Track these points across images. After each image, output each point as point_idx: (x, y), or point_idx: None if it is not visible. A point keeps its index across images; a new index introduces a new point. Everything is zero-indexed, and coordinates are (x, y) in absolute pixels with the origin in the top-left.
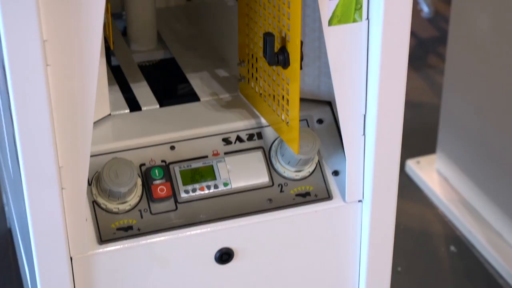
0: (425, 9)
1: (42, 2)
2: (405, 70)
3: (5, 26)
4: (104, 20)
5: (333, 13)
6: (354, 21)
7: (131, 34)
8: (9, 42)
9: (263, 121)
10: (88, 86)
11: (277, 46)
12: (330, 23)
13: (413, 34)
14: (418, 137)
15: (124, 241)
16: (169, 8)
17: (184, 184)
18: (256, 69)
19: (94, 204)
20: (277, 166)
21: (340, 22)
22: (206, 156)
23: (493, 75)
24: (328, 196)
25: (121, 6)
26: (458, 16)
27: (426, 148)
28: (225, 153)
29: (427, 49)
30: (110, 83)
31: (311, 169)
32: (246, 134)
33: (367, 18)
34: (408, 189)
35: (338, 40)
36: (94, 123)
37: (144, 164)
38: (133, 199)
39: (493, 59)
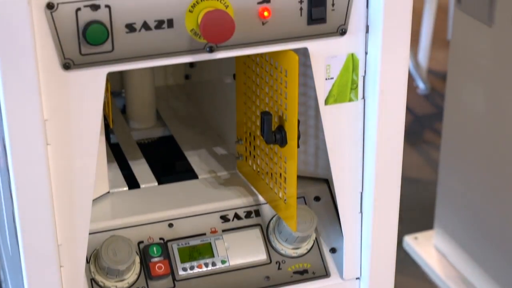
0: (421, 85)
1: (43, 81)
2: (401, 148)
3: (7, 105)
4: (104, 99)
5: (330, 92)
6: (350, 100)
7: (130, 112)
8: (10, 120)
9: (261, 198)
10: (88, 164)
11: (274, 124)
12: (326, 102)
13: (409, 110)
14: (416, 213)
15: None
16: (168, 86)
17: (182, 261)
18: (254, 147)
19: (92, 282)
20: (275, 243)
21: (336, 101)
22: (204, 234)
23: (489, 151)
24: (326, 274)
25: (120, 84)
26: (454, 93)
27: (423, 224)
28: (223, 231)
29: (423, 125)
30: (109, 161)
31: (308, 247)
32: (244, 212)
33: (363, 97)
34: (406, 265)
35: (334, 119)
36: (93, 200)
37: (142, 242)
38: (131, 276)
39: (489, 135)
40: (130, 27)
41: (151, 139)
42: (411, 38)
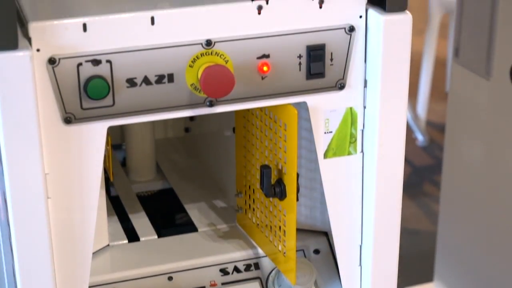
0: (420, 137)
1: (44, 135)
2: (400, 200)
3: (8, 158)
4: (105, 152)
5: (328, 146)
6: (349, 154)
7: (131, 165)
8: (11, 173)
9: (260, 251)
10: (88, 218)
11: (273, 178)
12: (325, 155)
13: (408, 162)
14: (415, 265)
15: None
16: (167, 139)
17: None
18: (253, 200)
19: None
20: None
21: (335, 154)
22: (204, 287)
23: (488, 203)
24: None
25: (121, 137)
26: (452, 145)
27: (423, 276)
28: (223, 284)
29: (422, 177)
30: (109, 214)
31: None
32: (244, 265)
33: (362, 151)
34: None
35: (333, 172)
36: (93, 253)
37: None
38: None
39: (488, 187)
40: (131, 82)
41: (151, 192)
42: (410, 90)
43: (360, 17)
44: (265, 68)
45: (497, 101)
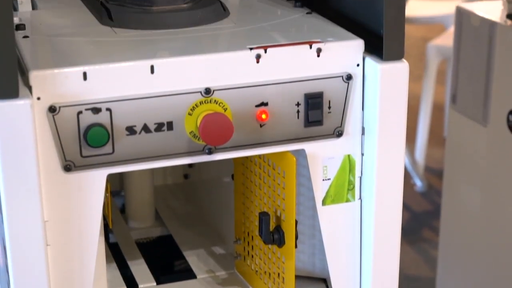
0: (418, 183)
1: (44, 183)
2: (398, 246)
3: (7, 205)
4: (104, 199)
5: (327, 193)
6: (347, 200)
7: (130, 212)
8: (11, 221)
9: None
10: (87, 265)
11: (272, 225)
12: (324, 202)
13: (406, 207)
14: None
15: None
16: (166, 185)
17: None
18: (252, 247)
19: None
20: None
21: (333, 201)
22: None
23: (487, 248)
24: None
25: (120, 184)
26: (450, 190)
27: None
28: None
29: (421, 222)
30: (108, 261)
31: None
32: None
33: (360, 197)
34: None
35: (331, 219)
36: None
37: None
38: None
39: (486, 232)
40: (131, 130)
41: (149, 239)
42: (408, 135)
43: (358, 65)
44: (263, 116)
45: (494, 148)
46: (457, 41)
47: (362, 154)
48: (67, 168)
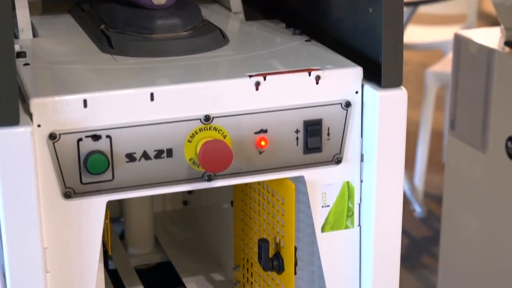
0: (418, 209)
1: (44, 210)
2: (397, 272)
3: (7, 232)
4: (103, 226)
5: (326, 219)
6: (346, 227)
7: (129, 238)
8: (10, 248)
9: None
10: None
11: (271, 251)
12: (323, 229)
13: (406, 233)
14: None
15: None
16: (166, 212)
17: None
18: (251, 273)
19: None
20: None
21: (332, 228)
22: None
23: (487, 274)
24: None
25: (119, 210)
26: (450, 216)
27: None
28: None
29: (420, 249)
30: (107, 287)
31: None
32: None
33: (359, 224)
34: None
35: (331, 246)
36: None
37: None
38: None
39: (486, 259)
40: (130, 157)
41: (149, 265)
42: (407, 161)
43: (356, 92)
44: (262, 143)
45: (493, 174)
46: (456, 68)
47: (361, 181)
48: (67, 195)
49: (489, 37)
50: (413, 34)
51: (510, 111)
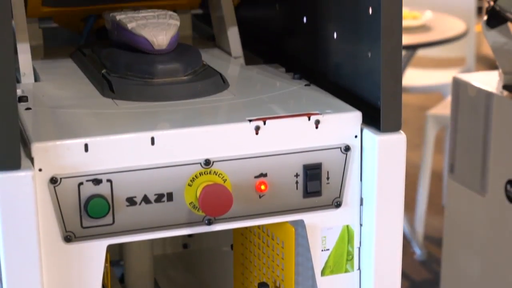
0: (418, 251)
1: (44, 253)
2: None
3: (8, 276)
4: (103, 269)
5: (326, 263)
6: (346, 271)
7: (129, 282)
8: None
9: None
10: None
11: None
12: (323, 273)
13: (406, 276)
14: None
15: None
16: (166, 255)
17: None
18: None
19: None
20: None
21: (332, 272)
22: None
23: None
24: None
25: (119, 253)
26: (450, 259)
27: None
28: None
29: None
30: None
31: None
32: None
33: (359, 268)
34: None
35: None
36: None
37: None
38: None
39: None
40: (131, 201)
41: None
42: (407, 204)
43: (356, 136)
44: (262, 187)
45: (492, 217)
46: (454, 111)
47: (361, 225)
48: (68, 238)
49: (488, 80)
50: (412, 77)
51: (509, 155)
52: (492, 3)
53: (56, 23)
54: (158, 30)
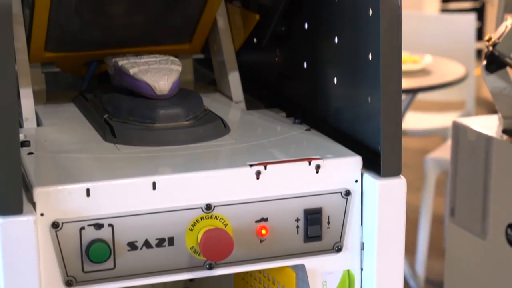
0: None
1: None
2: None
3: None
4: None
5: None
6: None
7: None
8: None
9: None
10: None
11: None
12: None
13: None
14: None
15: None
16: None
17: None
18: None
19: None
20: None
21: None
22: None
23: None
24: None
25: None
26: None
27: None
28: None
29: None
30: None
31: None
32: None
33: None
34: None
35: None
36: None
37: None
38: None
39: None
40: (132, 245)
41: None
42: (408, 247)
43: (356, 181)
44: (263, 232)
45: (493, 261)
46: (454, 156)
47: (362, 269)
48: (69, 283)
49: (487, 125)
50: (412, 120)
51: (510, 199)
52: (491, 48)
53: (58, 67)
54: (160, 75)
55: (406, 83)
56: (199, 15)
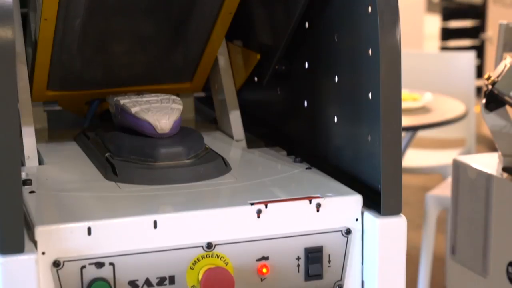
0: None
1: None
2: None
3: None
4: None
5: None
6: None
7: None
8: None
9: None
10: None
11: None
12: None
13: None
14: None
15: None
16: None
17: None
18: None
19: None
20: None
21: None
22: None
23: None
24: None
25: None
26: None
27: None
28: None
29: None
30: None
31: None
32: None
33: None
34: None
35: None
36: None
37: None
38: None
39: None
40: (133, 284)
41: None
42: (408, 285)
43: (356, 220)
44: (264, 270)
45: None
46: (455, 193)
47: None
48: None
49: (488, 162)
50: (412, 157)
51: (510, 236)
52: (490, 86)
53: (60, 106)
54: (161, 114)
55: (406, 121)
56: (200, 54)
